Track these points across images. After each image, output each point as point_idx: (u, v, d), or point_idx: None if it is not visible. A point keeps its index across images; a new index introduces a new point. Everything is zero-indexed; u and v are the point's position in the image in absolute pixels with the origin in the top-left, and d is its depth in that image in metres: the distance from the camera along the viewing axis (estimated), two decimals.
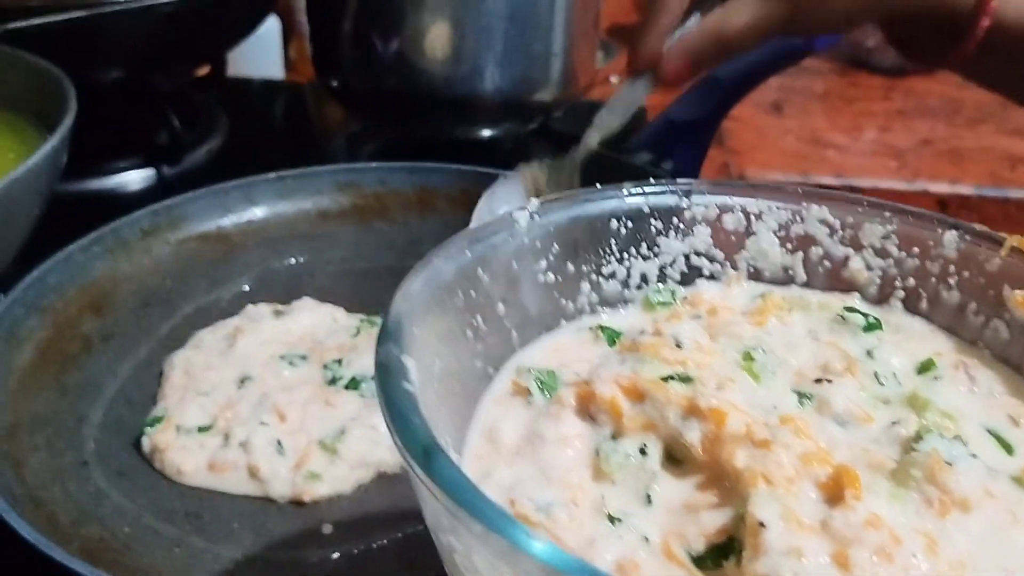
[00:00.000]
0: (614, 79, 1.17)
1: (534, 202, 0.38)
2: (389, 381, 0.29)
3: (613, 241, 0.40)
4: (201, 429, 0.57)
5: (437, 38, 0.89)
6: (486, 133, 0.95)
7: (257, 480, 0.55)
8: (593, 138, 0.66)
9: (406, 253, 0.76)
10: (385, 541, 0.53)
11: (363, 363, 0.62)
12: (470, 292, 0.36)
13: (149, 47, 0.89)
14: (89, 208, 0.87)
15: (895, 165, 1.21)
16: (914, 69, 1.32)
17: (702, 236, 0.41)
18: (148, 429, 0.57)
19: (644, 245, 0.41)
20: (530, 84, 0.93)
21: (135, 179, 0.94)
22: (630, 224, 0.40)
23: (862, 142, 1.24)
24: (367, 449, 0.56)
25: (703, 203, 0.40)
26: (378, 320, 0.65)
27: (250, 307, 0.67)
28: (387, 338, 0.31)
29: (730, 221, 0.41)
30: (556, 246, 0.39)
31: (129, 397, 0.62)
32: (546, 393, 0.35)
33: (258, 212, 0.77)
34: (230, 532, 0.53)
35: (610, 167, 0.74)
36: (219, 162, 0.99)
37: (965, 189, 1.17)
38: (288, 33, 1.33)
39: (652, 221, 0.41)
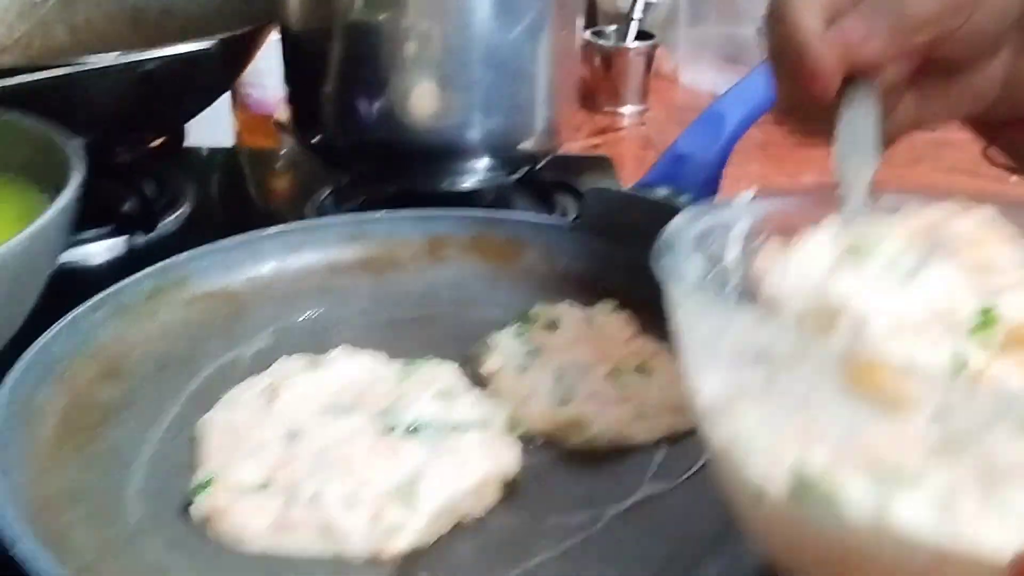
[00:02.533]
0: None
1: None
2: None
3: None
4: (260, 487, 0.53)
5: (421, 94, 0.87)
6: (469, 184, 0.93)
7: (331, 537, 0.50)
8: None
9: (424, 303, 0.73)
10: None
11: (418, 409, 0.58)
12: None
13: (121, 111, 0.85)
14: (58, 281, 0.81)
15: None
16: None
17: None
18: (199, 493, 0.52)
19: None
20: (514, 134, 0.91)
21: (103, 249, 0.89)
22: None
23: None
24: (446, 497, 0.52)
25: None
26: (421, 365, 0.62)
27: (282, 361, 0.63)
28: None
29: None
30: None
31: (164, 464, 0.56)
32: None
33: (264, 268, 0.73)
34: None
35: (634, 205, 0.73)
36: (189, 230, 0.95)
37: None
38: (234, 103, 1.30)
39: None
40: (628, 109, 1.42)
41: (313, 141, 0.92)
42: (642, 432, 0.58)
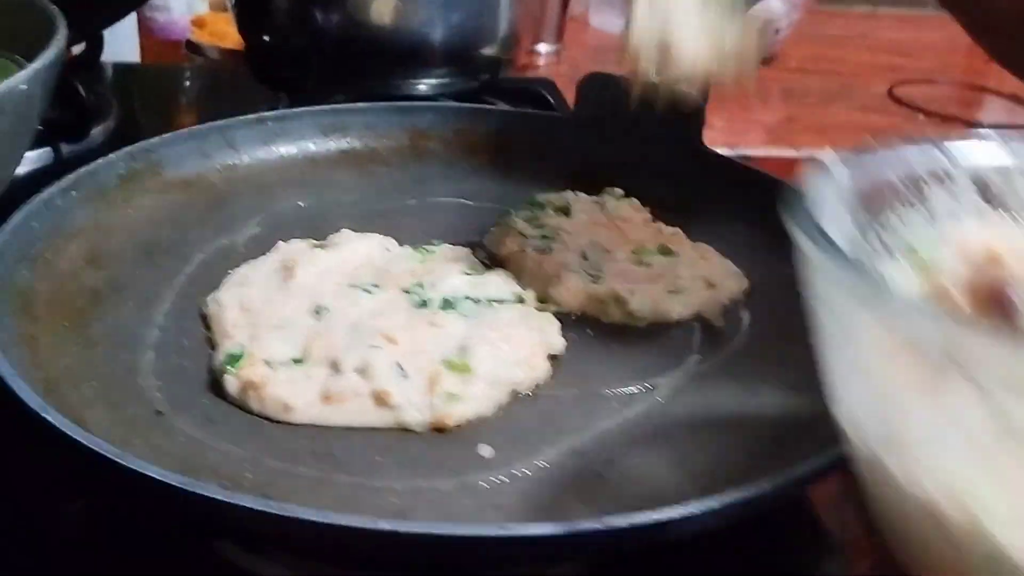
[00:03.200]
0: None
1: None
2: None
3: None
4: (296, 361, 0.48)
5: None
6: (431, 88, 0.89)
7: (387, 407, 0.46)
8: None
9: (417, 192, 0.69)
10: (547, 463, 0.45)
11: (447, 285, 0.54)
12: None
13: None
14: None
15: (771, 138, 1.25)
16: None
17: None
18: (229, 368, 0.47)
19: None
20: (476, 37, 0.88)
21: (29, 159, 0.80)
22: None
23: (734, 121, 1.27)
24: (499, 367, 0.49)
25: None
26: (435, 249, 0.58)
27: (282, 244, 0.58)
28: None
29: None
30: None
31: (177, 345, 0.51)
32: None
33: (241, 158, 0.67)
34: (376, 466, 0.44)
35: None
36: (120, 141, 0.87)
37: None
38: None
39: None
40: (544, 48, 1.40)
41: (263, 40, 0.86)
42: (678, 307, 0.56)
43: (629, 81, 0.70)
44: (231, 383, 0.47)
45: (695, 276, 0.58)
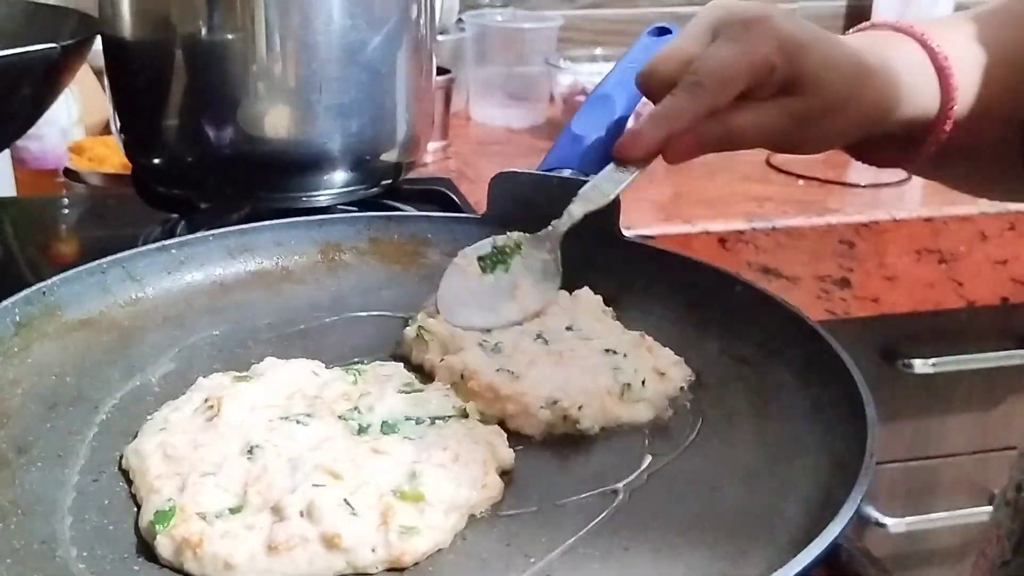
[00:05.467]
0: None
1: None
2: None
3: None
4: (233, 510, 0.44)
5: (277, 113, 0.81)
6: (326, 199, 0.86)
7: (338, 550, 0.43)
8: (578, 210, 0.62)
9: (335, 310, 0.66)
10: None
11: (385, 407, 0.51)
12: None
13: None
14: None
15: (663, 216, 1.27)
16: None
17: None
18: (159, 527, 0.43)
19: None
20: (375, 144, 0.86)
21: None
22: None
23: (625, 201, 1.29)
24: (452, 490, 0.46)
25: None
26: (366, 368, 0.56)
27: (202, 380, 0.54)
28: None
29: None
30: None
31: (98, 504, 0.46)
32: None
33: (145, 291, 0.63)
34: None
35: (545, 187, 0.69)
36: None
37: (739, 225, 1.25)
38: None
39: None
40: (432, 146, 1.40)
41: (153, 162, 0.82)
42: (631, 415, 0.55)
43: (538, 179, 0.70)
44: (163, 545, 0.43)
45: (640, 369, 0.56)
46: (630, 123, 0.75)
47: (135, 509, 0.46)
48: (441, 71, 1.39)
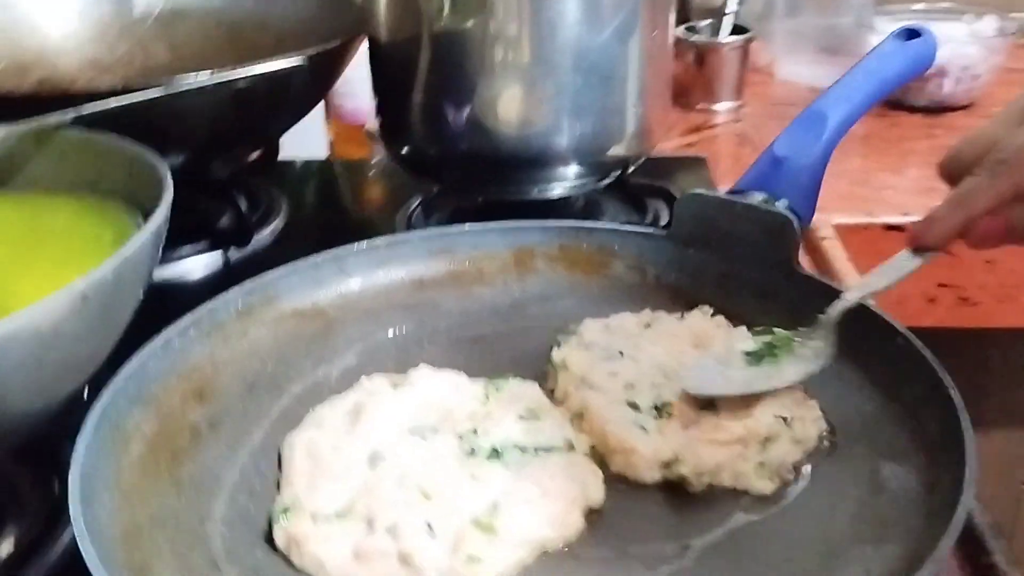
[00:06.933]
0: None
1: None
2: None
3: None
4: (338, 515, 0.52)
5: (509, 100, 0.86)
6: (559, 192, 0.91)
7: (411, 568, 0.49)
8: (854, 296, 0.61)
9: (511, 317, 0.72)
10: None
11: (500, 431, 0.57)
12: None
13: (217, 127, 0.86)
14: (156, 298, 0.83)
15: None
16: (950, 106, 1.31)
17: None
18: (280, 520, 0.52)
19: None
20: (605, 139, 0.89)
21: (200, 265, 0.90)
22: None
23: (911, 180, 1.21)
24: (527, 525, 0.51)
25: None
26: (504, 384, 0.61)
27: (364, 380, 0.63)
28: None
29: None
30: None
31: (251, 486, 0.56)
32: None
33: (352, 284, 0.73)
34: None
35: (729, 211, 0.70)
36: (284, 243, 0.95)
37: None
38: (327, 115, 1.32)
39: None
40: (723, 106, 1.39)
41: (402, 152, 0.92)
42: (762, 483, 0.55)
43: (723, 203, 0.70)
44: (279, 535, 0.52)
45: (771, 423, 0.57)
46: None
47: (276, 495, 0.55)
48: (739, 30, 1.37)
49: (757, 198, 0.70)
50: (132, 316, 0.61)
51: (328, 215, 1.06)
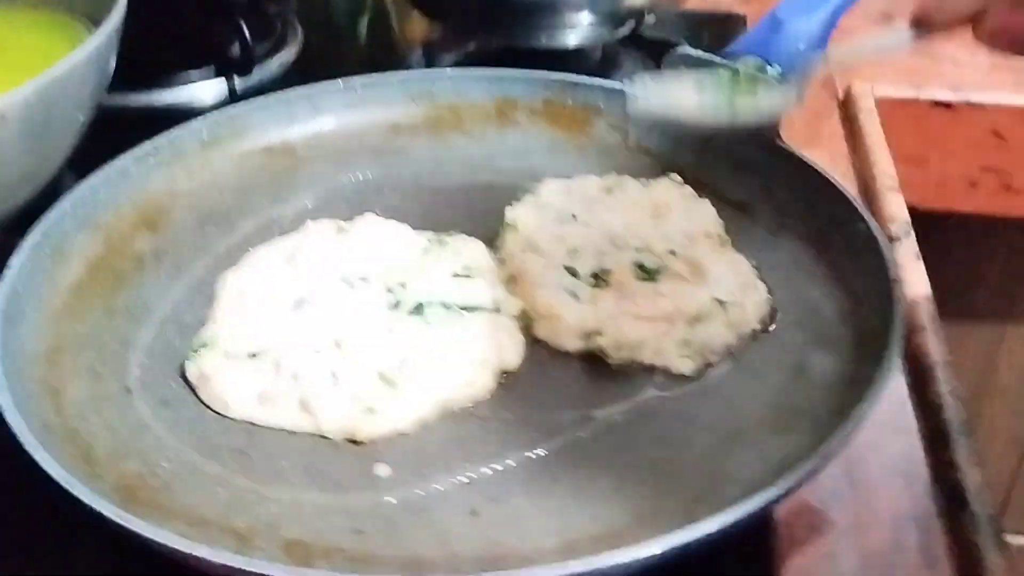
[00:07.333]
0: None
1: None
2: None
3: None
4: (251, 356, 0.53)
5: None
6: (572, 41, 0.87)
7: (308, 414, 0.50)
8: (834, 54, 0.58)
9: (480, 170, 0.70)
10: (445, 487, 0.47)
11: (429, 287, 0.56)
12: None
13: None
14: (158, 122, 0.82)
15: (1012, 80, 1.09)
16: None
17: None
18: (193, 354, 0.53)
19: None
20: None
21: (205, 91, 0.89)
22: None
23: (980, 56, 1.12)
24: (431, 382, 0.51)
25: None
26: (447, 240, 0.60)
27: (310, 223, 0.62)
28: None
29: None
30: None
31: (180, 320, 0.57)
32: None
33: (325, 123, 0.71)
34: (278, 471, 0.48)
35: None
36: (292, 74, 0.93)
37: None
38: None
39: None
40: None
41: None
42: (685, 364, 0.53)
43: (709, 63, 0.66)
44: (191, 370, 0.52)
45: (704, 303, 0.55)
46: None
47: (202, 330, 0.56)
48: None
49: (748, 63, 0.66)
50: (77, 139, 0.61)
51: (342, 50, 1.03)
